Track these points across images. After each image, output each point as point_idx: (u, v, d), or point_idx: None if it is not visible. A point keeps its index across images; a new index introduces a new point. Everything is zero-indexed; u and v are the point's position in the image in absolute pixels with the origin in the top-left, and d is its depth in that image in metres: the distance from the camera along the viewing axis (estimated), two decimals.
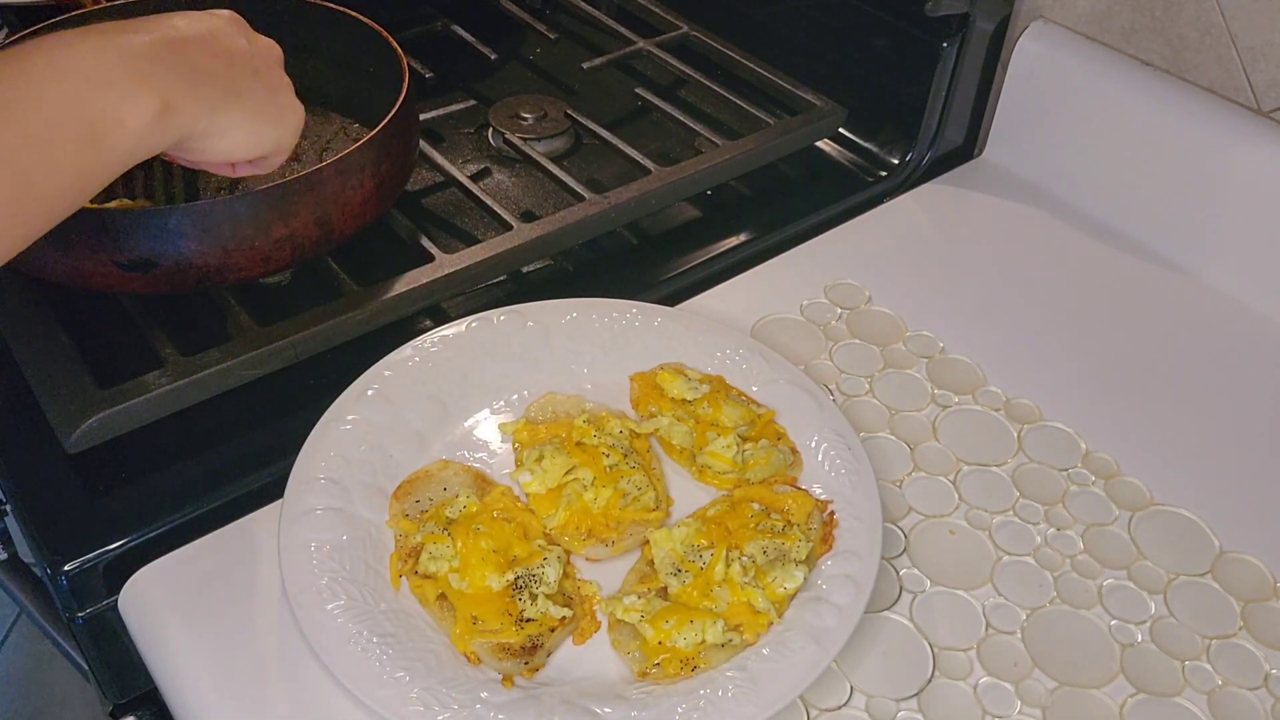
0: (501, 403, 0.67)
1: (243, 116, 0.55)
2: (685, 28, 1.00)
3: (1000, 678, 0.56)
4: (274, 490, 0.61)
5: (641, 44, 0.98)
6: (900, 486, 0.65)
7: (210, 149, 0.54)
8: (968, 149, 0.96)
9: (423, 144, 0.82)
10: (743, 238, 0.85)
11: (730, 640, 0.54)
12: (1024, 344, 0.76)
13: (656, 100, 0.94)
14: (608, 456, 0.62)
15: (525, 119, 0.91)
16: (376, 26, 0.80)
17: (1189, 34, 0.80)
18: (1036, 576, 0.61)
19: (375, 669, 0.51)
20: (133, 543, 0.60)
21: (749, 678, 0.52)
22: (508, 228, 0.76)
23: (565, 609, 0.55)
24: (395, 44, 0.78)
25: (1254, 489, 0.67)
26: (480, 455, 0.65)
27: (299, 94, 0.61)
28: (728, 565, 0.57)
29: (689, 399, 0.66)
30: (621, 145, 0.86)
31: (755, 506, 0.60)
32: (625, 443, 0.64)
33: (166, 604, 0.57)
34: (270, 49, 0.60)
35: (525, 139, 0.89)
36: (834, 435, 0.64)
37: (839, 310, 0.77)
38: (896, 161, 0.92)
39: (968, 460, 0.67)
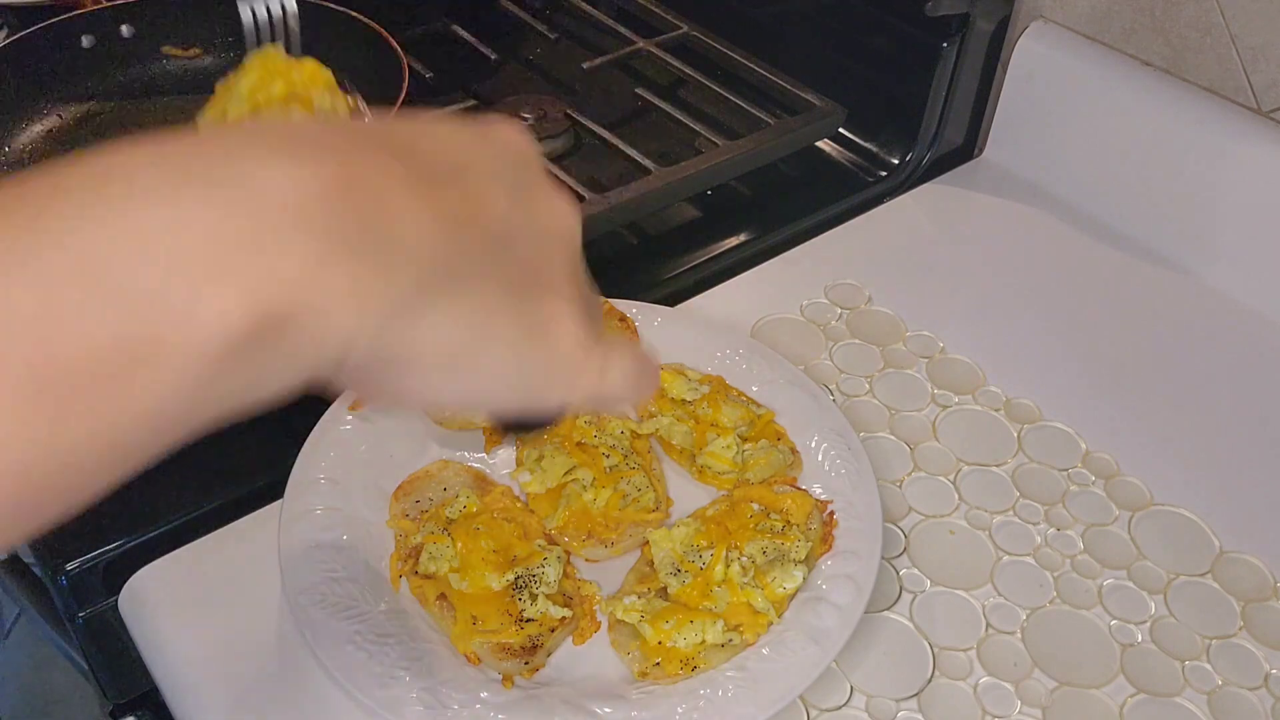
0: None
1: (466, 330, 0.30)
2: (685, 28, 1.00)
3: (1000, 678, 0.56)
4: (274, 490, 0.61)
5: (641, 44, 0.98)
6: (900, 486, 0.65)
7: (397, 384, 0.31)
8: (968, 149, 0.96)
9: None
10: (743, 238, 0.85)
11: (730, 640, 0.54)
12: (1024, 344, 0.76)
13: (656, 100, 0.94)
14: (608, 457, 0.62)
15: (525, 119, 0.91)
16: (376, 26, 0.80)
17: (1189, 34, 0.80)
18: (1036, 576, 0.61)
19: (375, 669, 0.51)
20: (133, 543, 0.60)
21: (749, 678, 0.52)
22: None
23: (565, 609, 0.55)
24: (395, 44, 0.78)
25: (1254, 489, 0.67)
26: (480, 455, 0.65)
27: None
28: (727, 565, 0.57)
29: (689, 399, 0.66)
30: (621, 145, 0.86)
31: (755, 506, 0.60)
32: (625, 443, 0.64)
33: (166, 604, 0.57)
34: (555, 218, 0.35)
35: None
36: (834, 435, 0.64)
37: (839, 310, 0.77)
38: (896, 161, 0.92)
39: (968, 460, 0.67)
